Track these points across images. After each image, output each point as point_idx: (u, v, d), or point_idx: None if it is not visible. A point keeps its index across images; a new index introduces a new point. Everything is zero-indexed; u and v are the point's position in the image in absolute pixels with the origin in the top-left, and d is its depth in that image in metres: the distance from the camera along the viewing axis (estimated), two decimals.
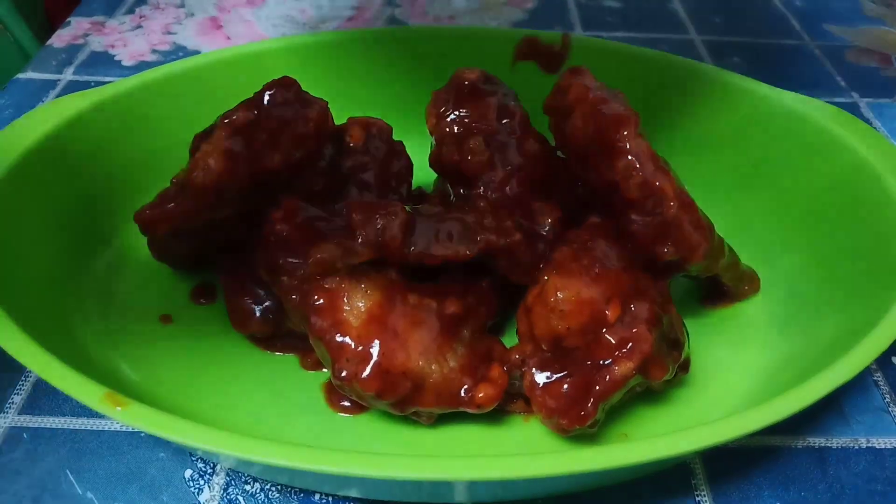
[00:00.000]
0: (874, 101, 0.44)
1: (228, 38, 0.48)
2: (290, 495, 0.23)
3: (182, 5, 0.51)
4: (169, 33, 0.48)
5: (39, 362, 0.20)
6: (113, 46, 0.46)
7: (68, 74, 0.44)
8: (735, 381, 0.27)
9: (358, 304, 0.24)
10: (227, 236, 0.27)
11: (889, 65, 0.48)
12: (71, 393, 0.19)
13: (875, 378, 0.27)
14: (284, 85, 0.25)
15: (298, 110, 0.26)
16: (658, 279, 0.25)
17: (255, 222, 0.26)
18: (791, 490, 0.24)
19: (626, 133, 0.24)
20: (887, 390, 0.27)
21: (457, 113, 0.29)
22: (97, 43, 0.47)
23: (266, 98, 0.25)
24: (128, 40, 0.47)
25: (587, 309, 0.23)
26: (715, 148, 0.33)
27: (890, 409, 0.26)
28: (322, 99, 0.26)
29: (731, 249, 0.28)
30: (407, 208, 0.25)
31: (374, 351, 0.23)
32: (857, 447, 0.25)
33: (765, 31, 0.51)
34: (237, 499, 0.23)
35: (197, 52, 0.46)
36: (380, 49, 0.35)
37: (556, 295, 0.23)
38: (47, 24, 0.58)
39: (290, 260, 0.24)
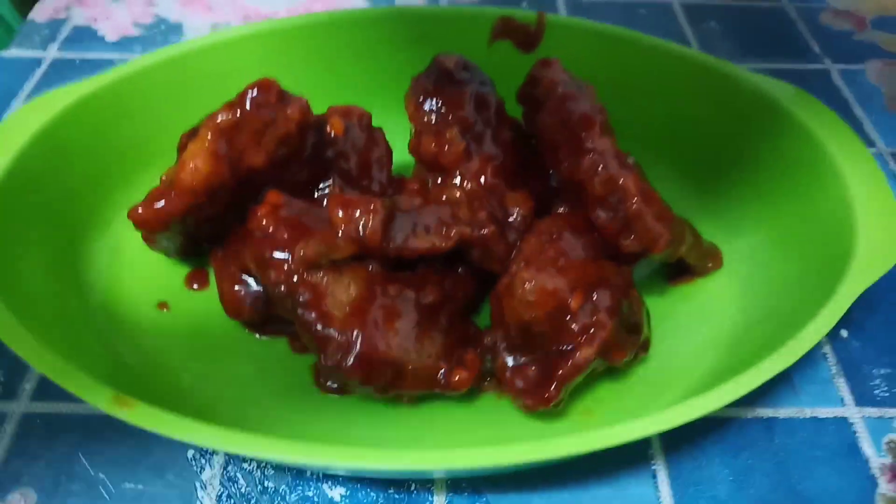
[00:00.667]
0: (846, 67, 0.45)
1: (210, 8, 0.48)
2: (284, 472, 0.26)
3: None
4: (150, 4, 0.48)
5: (51, 367, 0.22)
6: (95, 20, 0.47)
7: (52, 52, 0.44)
8: (695, 356, 0.29)
9: (341, 296, 0.25)
10: (217, 228, 0.29)
11: (864, 28, 0.49)
12: (82, 395, 0.21)
13: (824, 351, 0.30)
14: (265, 86, 0.26)
15: (280, 110, 0.27)
16: (623, 265, 0.27)
17: (242, 214, 0.27)
18: (739, 458, 0.26)
19: (591, 132, 0.26)
20: (834, 362, 0.29)
21: (434, 103, 0.30)
22: (79, 16, 0.47)
23: (248, 99, 0.26)
24: (110, 12, 0.47)
25: (552, 299, 0.25)
26: (682, 127, 0.34)
27: (835, 380, 0.29)
28: (302, 97, 0.28)
29: (693, 231, 0.30)
30: (385, 202, 0.27)
31: (357, 341, 0.25)
32: (802, 417, 0.28)
33: None
34: (236, 475, 0.26)
35: (179, 25, 0.46)
36: (360, 30, 0.36)
37: (524, 286, 0.25)
38: None
39: (276, 254, 0.26)
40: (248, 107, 0.26)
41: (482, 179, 0.29)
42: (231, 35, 0.35)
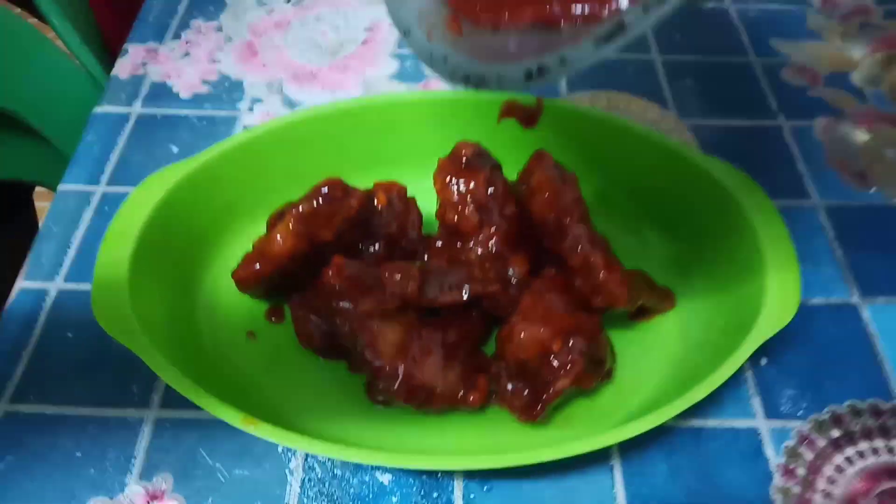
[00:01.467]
0: (796, 123, 0.54)
1: (264, 65, 0.57)
2: (348, 463, 0.36)
3: (220, 29, 0.60)
4: (213, 61, 0.57)
5: (195, 393, 0.32)
6: (169, 77, 0.56)
7: (137, 108, 0.53)
8: (647, 377, 0.39)
9: (389, 338, 0.35)
10: (295, 280, 0.39)
11: (817, 84, 0.57)
12: (219, 415, 0.31)
13: (745, 375, 0.39)
14: (333, 183, 0.36)
15: (344, 200, 0.36)
16: (594, 314, 0.37)
17: (313, 270, 0.37)
18: (673, 457, 0.36)
19: (571, 221, 0.35)
20: (753, 384, 0.39)
21: (456, 183, 0.40)
22: (155, 72, 0.56)
23: (321, 193, 0.36)
24: (180, 70, 0.56)
25: (539, 344, 0.35)
26: (646, 193, 0.44)
27: (752, 399, 0.39)
28: (358, 190, 0.37)
29: (649, 282, 0.40)
30: (420, 265, 0.37)
31: (401, 372, 0.35)
32: (723, 427, 0.37)
33: (717, 47, 0.60)
34: (314, 465, 0.36)
35: (240, 82, 0.55)
36: (397, 111, 0.45)
37: (520, 335, 0.35)
38: (104, 44, 0.67)
39: (342, 305, 0.36)
40: (321, 200, 0.36)
41: (491, 245, 0.38)
42: (292, 120, 0.44)
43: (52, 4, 0.59)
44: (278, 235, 0.36)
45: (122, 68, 0.56)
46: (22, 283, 0.43)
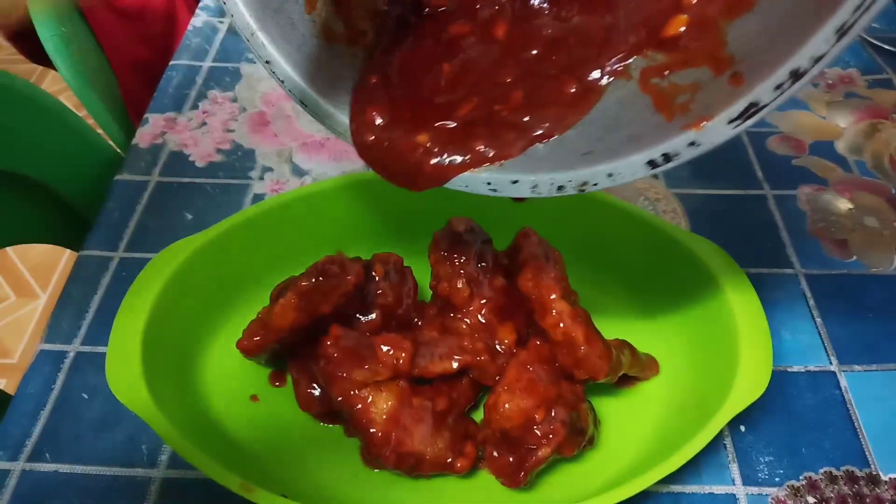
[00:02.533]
0: (780, 192, 0.56)
1: (275, 134, 0.60)
2: None
3: (235, 100, 0.64)
4: (228, 130, 0.61)
5: (197, 458, 0.34)
6: (186, 146, 0.59)
7: (155, 176, 0.57)
8: (631, 442, 0.40)
9: (381, 406, 0.38)
10: (294, 348, 0.41)
11: (802, 153, 0.60)
12: (219, 480, 0.34)
13: (724, 442, 0.41)
14: (332, 260, 0.39)
15: (342, 275, 0.39)
16: (576, 384, 0.39)
17: (313, 338, 0.40)
18: None
19: (553, 297, 0.38)
20: (731, 451, 0.41)
21: (449, 257, 0.42)
22: (173, 141, 0.60)
23: (321, 269, 0.39)
24: (197, 139, 0.60)
25: (523, 414, 0.37)
26: (629, 265, 0.46)
27: (730, 465, 0.40)
28: (357, 264, 0.40)
29: (632, 351, 0.42)
30: (412, 338, 0.39)
31: (392, 439, 0.37)
32: (702, 493, 0.39)
33: None
34: None
35: (252, 151, 0.59)
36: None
37: (504, 406, 0.37)
38: (129, 112, 0.71)
39: (338, 374, 0.38)
40: (320, 277, 0.38)
41: (480, 316, 0.41)
42: (296, 194, 0.47)
43: (81, 78, 0.63)
44: (280, 309, 0.38)
45: (143, 137, 0.60)
46: (42, 346, 0.46)
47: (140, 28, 0.73)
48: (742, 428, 0.42)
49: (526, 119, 0.31)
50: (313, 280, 0.38)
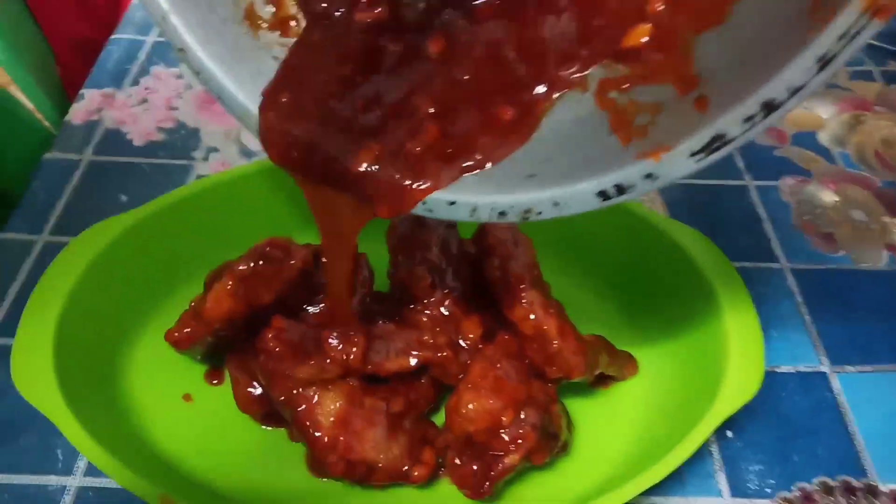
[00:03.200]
0: (762, 183, 0.53)
1: (224, 114, 0.55)
2: None
3: (181, 76, 0.59)
4: (171, 108, 0.56)
5: (112, 468, 0.30)
6: (124, 123, 0.54)
7: (88, 155, 0.51)
8: (607, 449, 0.37)
9: (329, 407, 0.33)
10: (232, 341, 0.37)
11: (784, 143, 0.57)
12: (135, 492, 0.29)
13: (710, 449, 0.38)
14: (275, 242, 0.34)
15: (286, 260, 0.34)
16: (549, 383, 0.35)
17: (253, 331, 0.35)
18: None
19: (523, 286, 0.33)
20: (718, 458, 0.37)
21: (408, 243, 0.38)
22: (110, 119, 0.54)
23: (262, 252, 0.34)
24: (136, 116, 0.55)
25: (489, 416, 0.33)
26: (605, 255, 0.42)
27: (717, 474, 0.37)
28: (304, 248, 0.35)
29: (609, 348, 0.38)
30: (365, 331, 0.35)
31: (340, 444, 0.33)
32: None
33: None
34: None
35: (196, 130, 0.54)
36: None
37: (468, 407, 0.33)
38: (62, 88, 0.66)
39: (280, 371, 0.33)
40: (260, 260, 0.34)
41: (443, 308, 0.37)
42: (237, 173, 0.42)
43: (10, 52, 0.58)
44: (215, 296, 0.34)
45: (76, 114, 0.55)
46: None
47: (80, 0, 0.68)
48: (729, 433, 0.38)
49: (450, 151, 0.27)
50: (252, 264, 0.34)
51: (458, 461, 0.33)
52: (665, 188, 0.50)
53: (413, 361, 0.35)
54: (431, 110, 0.28)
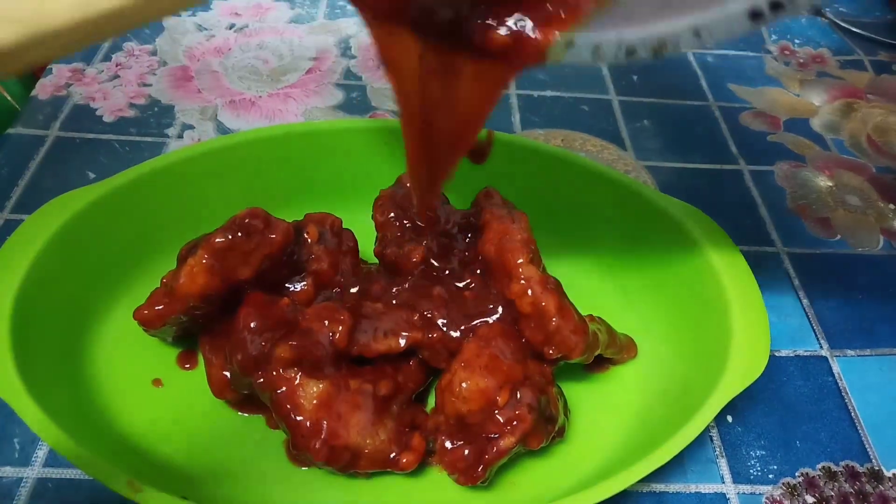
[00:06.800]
0: (757, 168, 0.52)
1: (199, 91, 0.53)
2: None
3: (154, 53, 0.56)
4: (144, 85, 0.53)
5: (74, 454, 0.27)
6: (93, 99, 0.51)
7: (55, 130, 0.49)
8: (605, 434, 0.35)
9: (311, 390, 0.31)
10: (207, 321, 0.34)
11: (777, 129, 0.55)
12: (100, 479, 0.26)
13: (711, 434, 0.36)
14: (254, 213, 0.32)
15: (265, 234, 0.32)
16: (546, 364, 0.33)
17: (229, 311, 0.33)
18: None
19: (520, 261, 0.32)
20: (718, 444, 0.36)
21: (397, 218, 0.36)
22: (78, 94, 0.52)
23: (239, 224, 0.32)
24: (107, 92, 0.52)
25: (483, 396, 0.31)
26: (603, 233, 0.41)
27: (718, 460, 0.35)
28: (284, 222, 0.33)
29: (609, 330, 0.36)
30: (351, 309, 0.32)
31: (323, 430, 0.30)
32: (687, 492, 0.34)
33: (675, 90, 0.58)
34: None
35: (171, 107, 0.51)
36: (334, 139, 0.42)
37: (461, 385, 0.31)
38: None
39: (258, 352, 0.31)
40: (238, 232, 0.31)
41: (434, 287, 0.34)
42: (218, 144, 0.40)
43: None
44: (189, 271, 0.31)
45: (43, 89, 0.52)
46: None
47: None
48: (729, 418, 0.37)
49: None
50: (230, 237, 0.31)
51: (449, 444, 0.31)
52: (659, 172, 0.49)
53: (402, 342, 0.32)
54: None
